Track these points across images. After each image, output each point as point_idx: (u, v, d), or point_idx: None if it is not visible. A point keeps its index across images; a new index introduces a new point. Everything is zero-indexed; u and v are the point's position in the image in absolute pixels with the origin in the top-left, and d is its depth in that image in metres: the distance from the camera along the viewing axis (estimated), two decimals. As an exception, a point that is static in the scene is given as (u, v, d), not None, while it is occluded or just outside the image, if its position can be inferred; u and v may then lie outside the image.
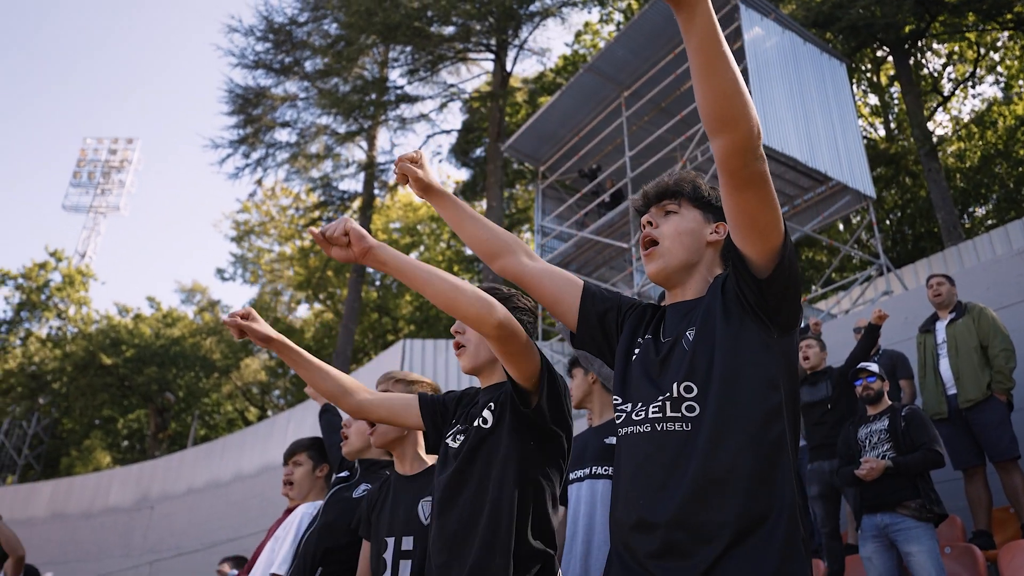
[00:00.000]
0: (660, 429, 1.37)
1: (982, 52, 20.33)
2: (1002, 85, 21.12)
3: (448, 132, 23.03)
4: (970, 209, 20.87)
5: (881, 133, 22.52)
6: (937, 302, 5.07)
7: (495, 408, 1.90)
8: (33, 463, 29.34)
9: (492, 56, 20.89)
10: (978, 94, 26.76)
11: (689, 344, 1.42)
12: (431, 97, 21.67)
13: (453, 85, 21.92)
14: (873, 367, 4.21)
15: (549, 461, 1.85)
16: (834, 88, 11.61)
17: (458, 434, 1.96)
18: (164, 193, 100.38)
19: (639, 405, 1.43)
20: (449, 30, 20.08)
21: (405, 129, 21.72)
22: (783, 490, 1.29)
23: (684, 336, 1.45)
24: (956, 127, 21.98)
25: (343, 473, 3.01)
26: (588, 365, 2.94)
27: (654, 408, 1.39)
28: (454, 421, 2.03)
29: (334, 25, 20.73)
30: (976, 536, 4.39)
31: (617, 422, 1.47)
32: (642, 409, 1.42)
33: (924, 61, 21.15)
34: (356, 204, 22.92)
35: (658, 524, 1.31)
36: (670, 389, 1.39)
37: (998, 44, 20.21)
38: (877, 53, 20.56)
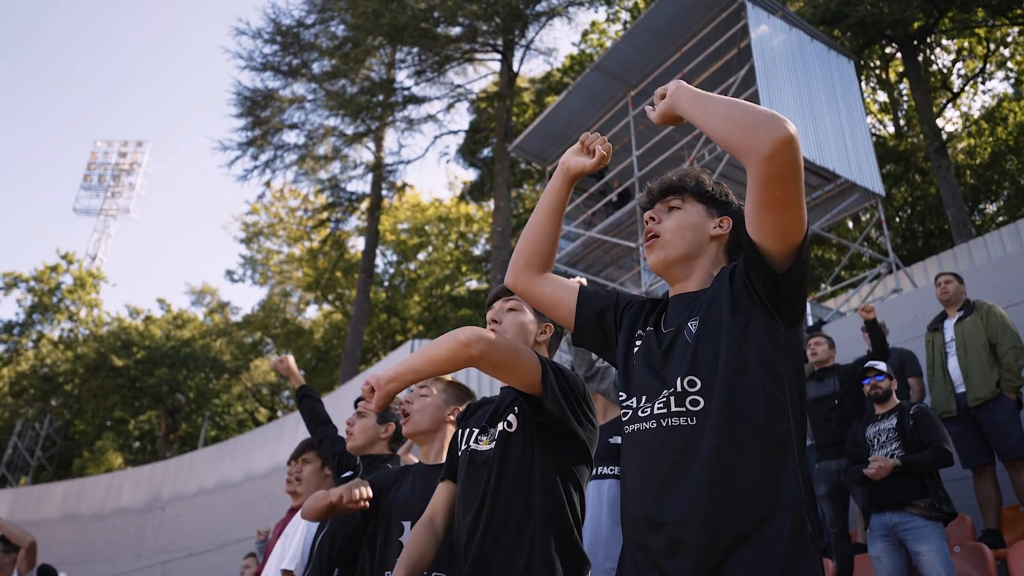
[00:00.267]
0: (665, 425, 1.37)
1: (992, 48, 20.19)
2: (1012, 81, 20.98)
3: (455, 133, 23.08)
4: (980, 206, 20.74)
5: (890, 130, 22.41)
6: (945, 300, 5.04)
7: (518, 412, 1.88)
8: (46, 464, 29.57)
9: (499, 56, 20.91)
10: (988, 90, 26.73)
11: (692, 336, 1.42)
12: (438, 98, 21.73)
13: (460, 86, 21.96)
14: (881, 366, 4.20)
15: (575, 460, 1.83)
16: (842, 86, 11.56)
17: (481, 435, 1.93)
18: (173, 195, 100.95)
19: (644, 401, 1.43)
20: (456, 31, 20.11)
21: (412, 130, 21.80)
22: (789, 486, 1.28)
23: (686, 327, 1.44)
24: (966, 123, 21.84)
25: (347, 473, 3.02)
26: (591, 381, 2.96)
27: (659, 404, 1.39)
28: (473, 428, 1.98)
29: (341, 27, 20.80)
30: (986, 535, 4.36)
31: (624, 419, 1.48)
32: (647, 405, 1.42)
33: (933, 57, 21.04)
34: (364, 205, 23.00)
35: (665, 522, 1.31)
36: (674, 383, 1.39)
37: (1008, 39, 20.07)
38: (886, 50, 20.45)
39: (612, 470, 2.80)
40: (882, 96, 22.72)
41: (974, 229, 16.65)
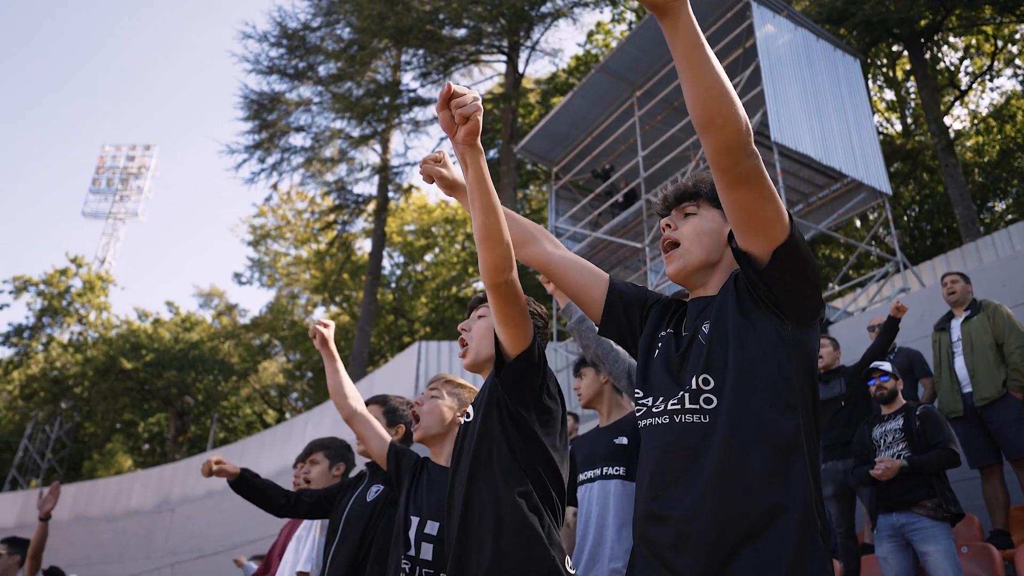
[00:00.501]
0: (678, 421, 1.39)
1: (999, 45, 20.09)
2: (1020, 78, 20.86)
3: (461, 134, 23.06)
4: (989, 204, 20.63)
5: (897, 128, 22.32)
6: (952, 300, 5.03)
7: (477, 402, 1.91)
8: (56, 467, 29.73)
9: (504, 58, 20.93)
10: (996, 87, 26.53)
11: (705, 338, 1.44)
12: (444, 99, 21.73)
13: (466, 87, 21.98)
14: (886, 366, 4.18)
15: (534, 442, 1.79)
16: (848, 84, 11.53)
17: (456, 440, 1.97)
18: (181, 199, 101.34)
19: (659, 399, 1.45)
20: (461, 33, 20.14)
21: (418, 132, 21.82)
22: (799, 484, 1.29)
23: (700, 330, 1.46)
24: (974, 121, 21.73)
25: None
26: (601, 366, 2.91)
27: (674, 401, 1.41)
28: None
29: (347, 29, 20.86)
30: (994, 535, 4.35)
31: (638, 415, 1.49)
32: (662, 402, 1.43)
33: (940, 55, 20.93)
34: (371, 207, 23.05)
35: (674, 516, 1.32)
36: (689, 383, 1.40)
37: (1016, 36, 19.96)
38: (892, 48, 20.37)
39: (618, 470, 2.79)
40: (889, 94, 22.63)
41: (982, 227, 16.57)
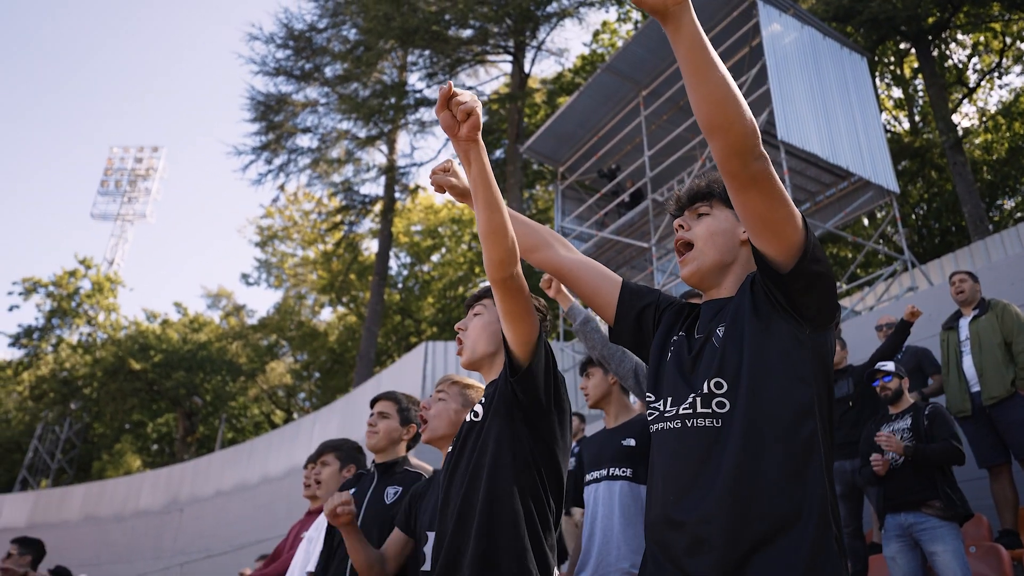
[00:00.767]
0: (690, 425, 1.38)
1: (1008, 42, 19.97)
2: (1029, 75, 20.75)
3: (468, 134, 23.11)
4: (998, 202, 20.51)
5: (905, 126, 22.21)
6: (960, 299, 5.01)
7: (485, 400, 1.88)
8: (66, 467, 29.90)
9: (510, 58, 20.94)
10: (1005, 84, 26.32)
11: (719, 341, 1.43)
12: (450, 100, 21.76)
13: (472, 87, 22.00)
14: (888, 366, 4.17)
15: (542, 445, 1.79)
16: (855, 83, 11.49)
17: (457, 435, 1.94)
18: (189, 200, 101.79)
19: (670, 402, 1.44)
20: (467, 33, 20.17)
21: (424, 132, 21.87)
22: (815, 488, 1.28)
23: (715, 333, 1.45)
24: (982, 119, 21.61)
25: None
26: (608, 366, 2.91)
27: (685, 405, 1.40)
28: None
29: (353, 31, 20.92)
30: (1002, 535, 4.33)
31: (649, 419, 1.49)
32: (673, 406, 1.43)
33: (948, 52, 20.83)
34: (377, 208, 23.10)
35: (688, 521, 1.31)
36: (701, 386, 1.39)
37: (1024, 34, 19.86)
38: (900, 45, 20.28)
39: (625, 472, 2.79)
40: (897, 92, 22.53)
41: (991, 225, 16.48)
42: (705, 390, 1.38)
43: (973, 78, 21.31)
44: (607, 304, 1.67)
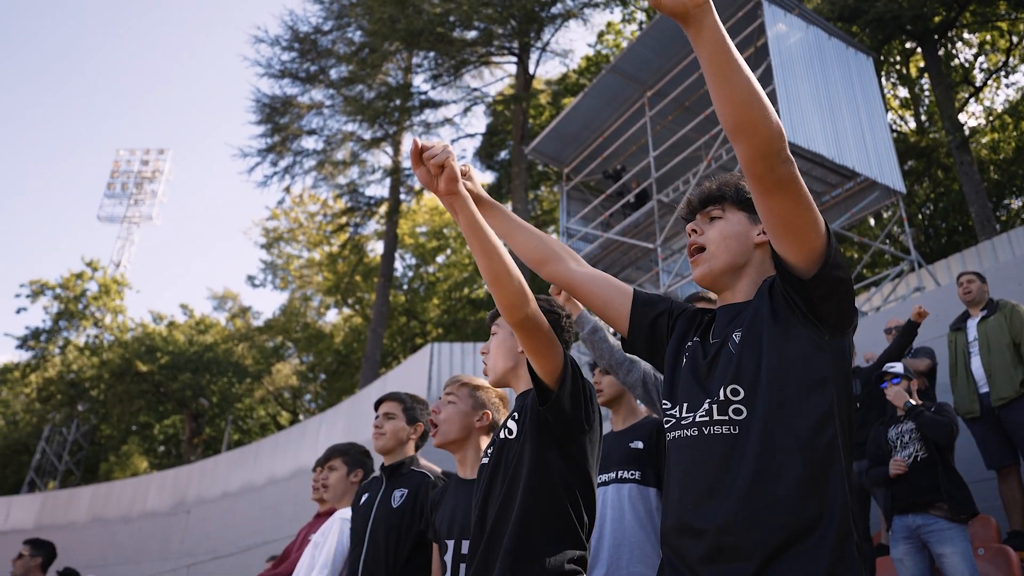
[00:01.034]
0: (707, 433, 1.36)
1: (1015, 41, 19.90)
2: (1036, 74, 20.66)
3: (472, 136, 23.27)
4: (1005, 201, 20.43)
5: (912, 126, 22.15)
6: (968, 300, 5.00)
7: (519, 417, 1.87)
8: (73, 469, 30.00)
9: (515, 59, 20.96)
10: (1012, 83, 26.26)
11: (736, 346, 1.41)
12: (455, 101, 21.83)
13: (476, 89, 22.05)
14: (897, 367, 4.16)
15: (574, 465, 1.79)
16: (861, 82, 11.46)
17: (490, 447, 1.93)
18: (195, 202, 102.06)
19: (685, 408, 1.43)
20: (471, 34, 20.20)
21: (430, 134, 21.87)
22: (835, 495, 1.27)
23: (731, 338, 1.44)
24: (989, 118, 21.53)
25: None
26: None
27: (701, 412, 1.39)
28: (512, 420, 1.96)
29: (358, 33, 20.97)
30: (1011, 537, 4.32)
31: (666, 426, 1.47)
32: (689, 413, 1.41)
33: (955, 52, 20.75)
34: (383, 209, 23.13)
35: (707, 529, 1.30)
36: (716, 393, 1.38)
37: (1031, 32, 19.78)
38: (906, 45, 20.22)
39: (633, 474, 2.79)
40: (903, 92, 22.47)
41: (998, 225, 16.41)
42: (721, 397, 1.37)
43: (980, 77, 21.24)
44: (620, 315, 1.65)
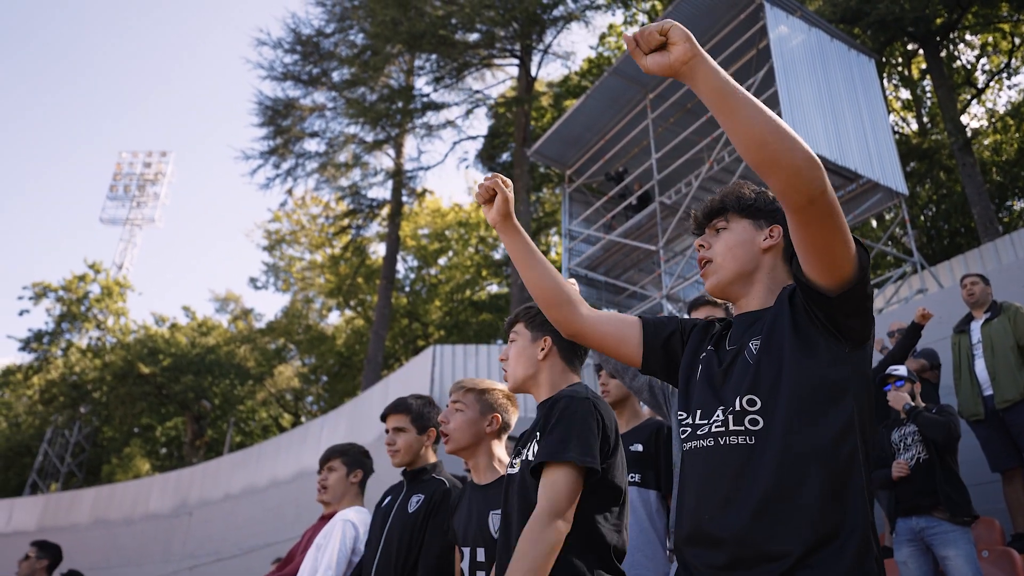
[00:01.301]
0: (723, 443, 1.35)
1: (1017, 43, 19.88)
2: (1038, 76, 20.64)
3: (474, 138, 23.20)
4: (1007, 203, 20.39)
5: (914, 127, 22.12)
6: (971, 302, 4.99)
7: (540, 434, 1.84)
8: (75, 471, 30.02)
9: (517, 61, 20.97)
10: (1014, 85, 26.21)
11: (753, 356, 1.40)
12: (457, 104, 21.83)
13: (478, 91, 22.06)
14: (901, 370, 4.16)
15: (600, 500, 1.77)
16: (863, 84, 11.46)
17: (515, 457, 1.91)
18: (197, 204, 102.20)
19: (699, 415, 1.42)
20: (473, 37, 20.20)
21: (432, 136, 21.89)
22: (856, 507, 1.26)
23: (748, 347, 1.43)
24: (991, 119, 21.51)
25: None
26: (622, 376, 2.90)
27: (717, 422, 1.38)
28: (519, 447, 1.94)
29: (360, 35, 20.99)
30: (1015, 539, 4.31)
31: (682, 436, 1.47)
32: (703, 420, 1.41)
33: (957, 53, 20.74)
34: (385, 211, 23.15)
35: (724, 539, 1.29)
36: (732, 402, 1.37)
37: (1033, 34, 19.76)
38: (908, 47, 20.21)
39: (633, 477, 2.82)
40: (905, 93, 22.44)
41: (1001, 227, 16.39)
42: (737, 407, 1.36)
43: (982, 79, 21.21)
44: (632, 349, 1.64)
